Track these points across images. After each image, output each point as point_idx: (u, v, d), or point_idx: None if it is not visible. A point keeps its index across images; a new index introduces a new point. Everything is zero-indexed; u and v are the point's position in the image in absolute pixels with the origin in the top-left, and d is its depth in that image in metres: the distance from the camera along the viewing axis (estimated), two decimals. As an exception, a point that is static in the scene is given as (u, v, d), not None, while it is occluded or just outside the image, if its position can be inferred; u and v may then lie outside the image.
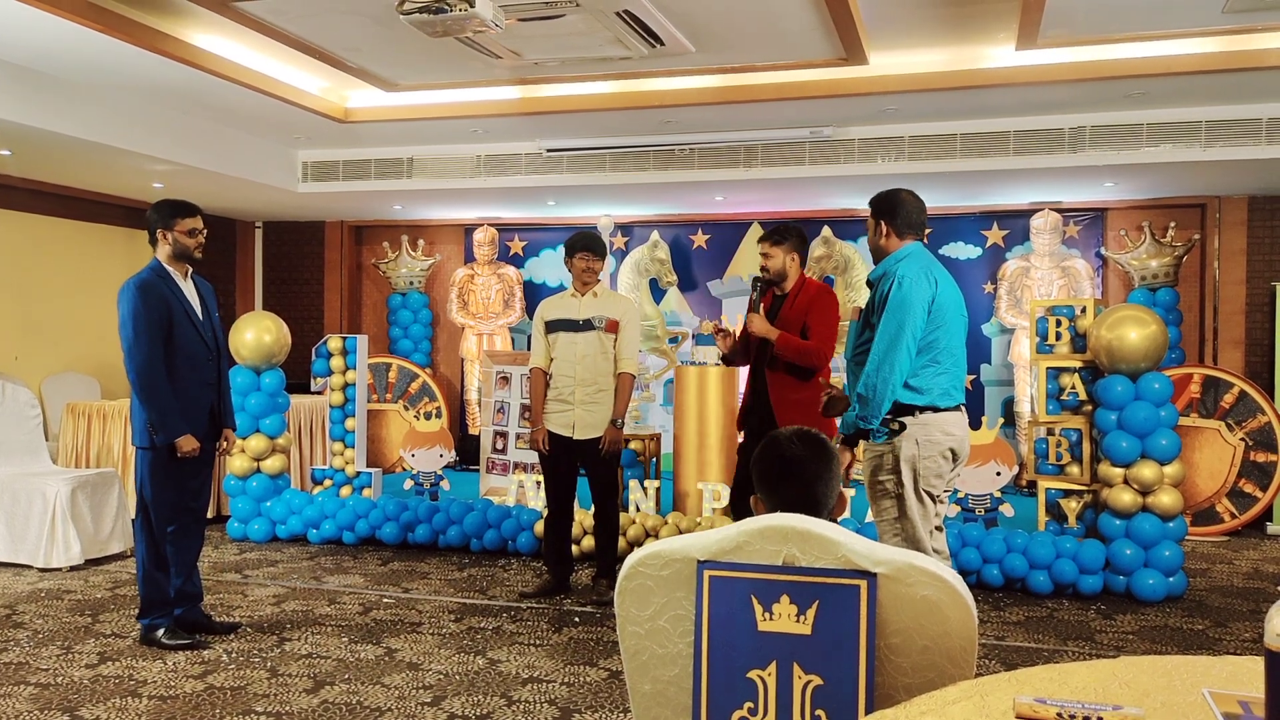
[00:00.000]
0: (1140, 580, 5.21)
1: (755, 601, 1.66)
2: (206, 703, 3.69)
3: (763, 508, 2.08)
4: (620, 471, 6.84)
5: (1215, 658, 1.59)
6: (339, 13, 5.30)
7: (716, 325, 5.02)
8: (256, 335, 6.67)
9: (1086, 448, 5.70)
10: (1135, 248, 8.49)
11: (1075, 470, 5.76)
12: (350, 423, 7.31)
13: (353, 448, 7.27)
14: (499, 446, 7.62)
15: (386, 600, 5.19)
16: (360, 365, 7.35)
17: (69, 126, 6.35)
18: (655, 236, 9.50)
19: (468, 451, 9.62)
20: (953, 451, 3.62)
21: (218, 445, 4.53)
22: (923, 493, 3.56)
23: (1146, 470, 5.24)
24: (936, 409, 3.58)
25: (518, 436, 7.56)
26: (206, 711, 3.61)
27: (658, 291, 9.63)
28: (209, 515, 7.15)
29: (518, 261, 10.15)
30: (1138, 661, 1.56)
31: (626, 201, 9.01)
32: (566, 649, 4.37)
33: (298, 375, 8.23)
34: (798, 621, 1.63)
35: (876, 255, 3.81)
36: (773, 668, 1.64)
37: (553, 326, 5.11)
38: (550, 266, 10.01)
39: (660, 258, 9.46)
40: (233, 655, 4.25)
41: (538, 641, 4.48)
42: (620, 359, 5.04)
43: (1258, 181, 7.71)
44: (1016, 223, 8.82)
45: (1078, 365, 5.73)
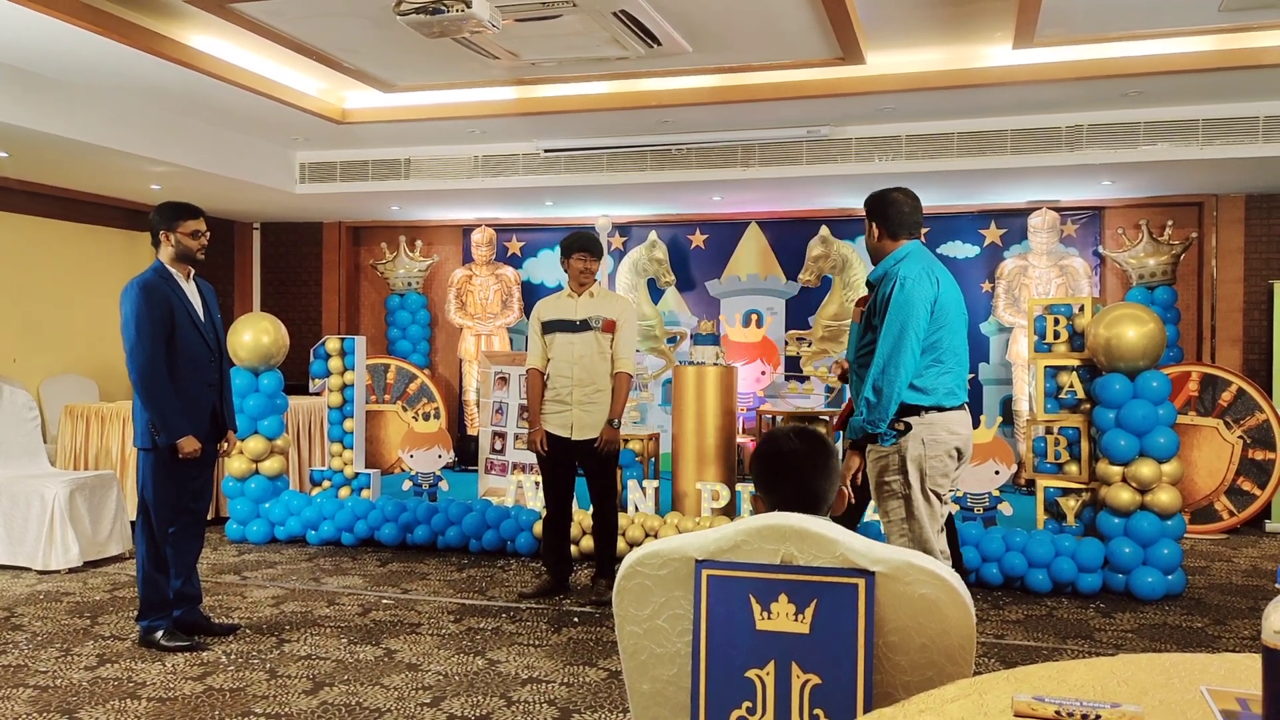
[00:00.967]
0: (1139, 578, 5.22)
1: (753, 600, 1.66)
2: (205, 704, 3.69)
3: (761, 505, 2.07)
4: (620, 472, 6.85)
5: (1213, 655, 1.60)
6: (336, 14, 5.30)
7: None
8: (254, 336, 6.67)
9: (1085, 446, 5.70)
10: (1133, 246, 8.49)
11: (1074, 469, 5.76)
12: (349, 424, 7.31)
13: (351, 449, 7.27)
14: (497, 447, 7.62)
15: (385, 601, 5.19)
16: (358, 366, 7.34)
17: (67, 128, 6.35)
18: (653, 236, 9.50)
19: (466, 452, 9.62)
20: (958, 450, 3.62)
21: (219, 446, 4.53)
22: (930, 492, 3.56)
23: (1145, 468, 5.24)
24: (941, 408, 3.58)
25: (516, 437, 7.56)
26: (205, 713, 3.60)
27: (655, 291, 9.63)
28: (208, 517, 7.17)
29: (516, 262, 10.15)
30: (1136, 659, 1.56)
31: (624, 201, 9.01)
32: (565, 649, 4.37)
33: (296, 376, 8.22)
34: (796, 620, 1.63)
35: (874, 256, 3.79)
36: (771, 667, 1.64)
37: (549, 327, 5.09)
38: (548, 267, 10.01)
39: (658, 258, 9.46)
40: (232, 657, 4.25)
41: (537, 642, 4.48)
42: (617, 359, 5.03)
43: (1255, 179, 7.71)
44: (1014, 221, 8.82)
45: (1076, 364, 5.73)
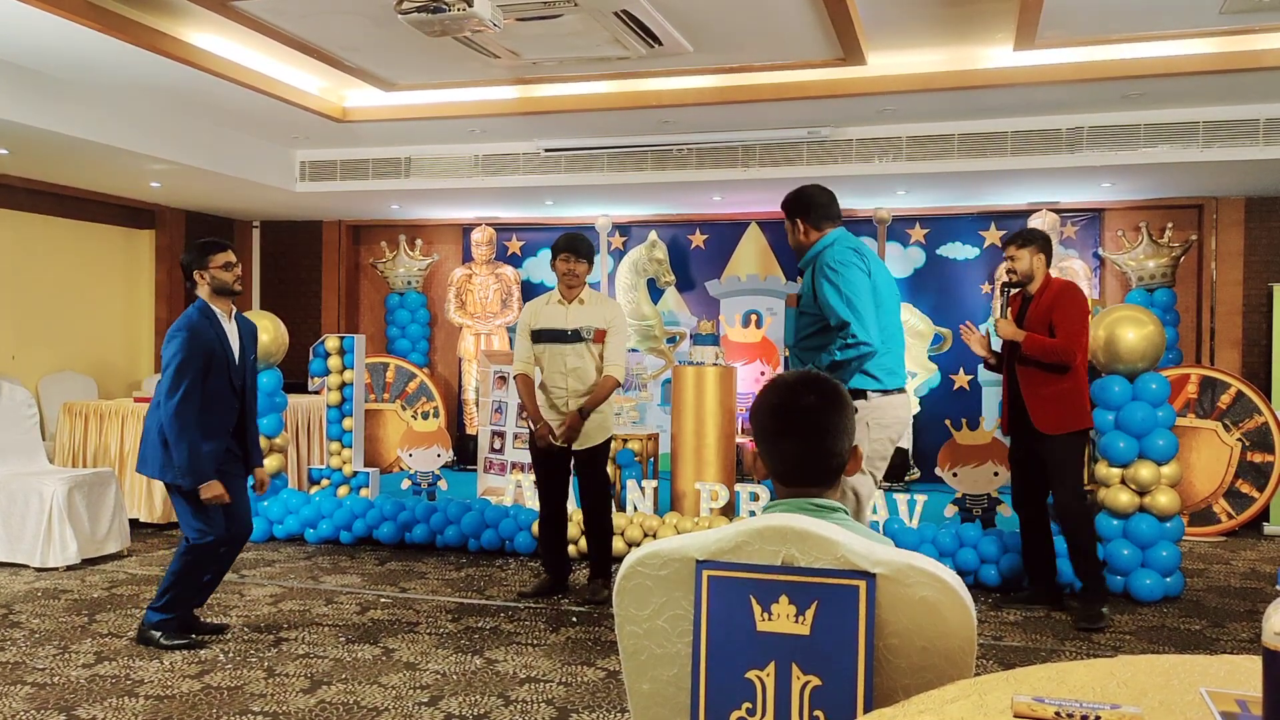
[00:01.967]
0: (1138, 580, 5.22)
1: (754, 602, 1.65)
2: (203, 703, 3.68)
3: (763, 467, 1.87)
4: (619, 471, 6.85)
5: (1213, 657, 1.60)
6: (337, 12, 5.30)
7: (973, 332, 5.06)
8: (254, 335, 6.67)
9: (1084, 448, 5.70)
10: (1133, 248, 8.49)
11: (1072, 470, 5.76)
12: (347, 422, 7.31)
13: (350, 447, 7.27)
14: (496, 446, 7.62)
15: (384, 600, 5.18)
16: (358, 365, 7.34)
17: (66, 126, 6.35)
18: (653, 236, 9.50)
19: (465, 451, 9.62)
20: (899, 434, 3.81)
21: (252, 473, 4.59)
22: (868, 472, 3.73)
23: (1144, 470, 5.24)
24: (886, 391, 3.69)
25: (515, 436, 7.56)
26: (203, 711, 3.60)
27: (655, 291, 9.63)
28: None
29: (515, 261, 10.15)
30: (1135, 661, 1.56)
31: (624, 201, 9.01)
32: (564, 649, 4.37)
33: (295, 375, 8.22)
34: (796, 622, 1.63)
35: (800, 252, 3.94)
36: (771, 668, 1.64)
37: (540, 336, 5.02)
38: (548, 267, 9.98)
39: (658, 257, 9.46)
40: (229, 655, 4.24)
41: (535, 641, 4.48)
42: (607, 364, 4.99)
43: (1255, 182, 7.72)
44: (1014, 223, 8.81)
45: (1075, 365, 5.73)
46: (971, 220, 8.97)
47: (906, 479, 8.32)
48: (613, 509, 5.31)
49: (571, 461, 5.13)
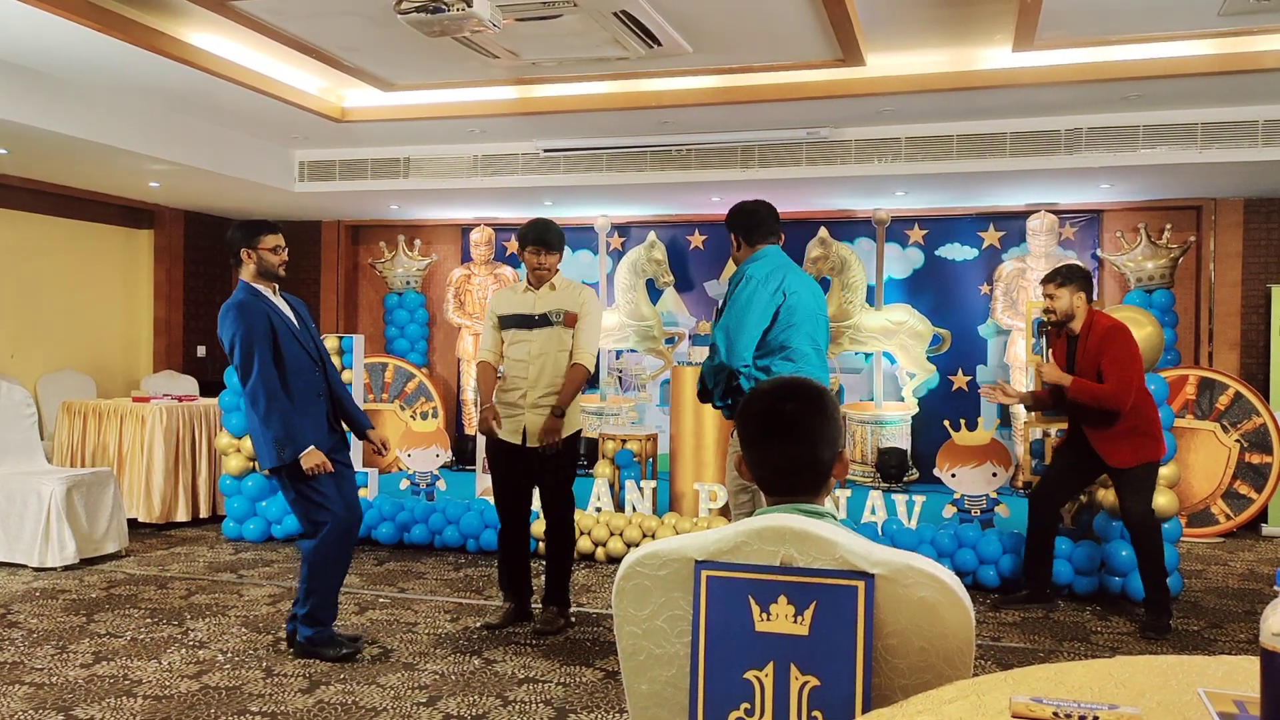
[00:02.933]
0: (1136, 581, 5.22)
1: (753, 602, 1.66)
2: (201, 703, 3.68)
3: (748, 473, 1.86)
4: (617, 472, 6.84)
5: (1210, 658, 1.60)
6: (336, 12, 5.30)
7: (990, 388, 5.00)
8: (253, 335, 6.66)
9: (1082, 449, 5.70)
10: (1131, 249, 8.50)
11: (1071, 471, 5.76)
12: (346, 422, 7.29)
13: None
14: (495, 446, 7.60)
15: (382, 600, 5.18)
16: (356, 365, 7.34)
17: (66, 125, 6.34)
18: (652, 237, 9.50)
19: (464, 451, 9.61)
20: None
21: (370, 448, 4.39)
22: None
23: (1142, 471, 5.24)
24: None
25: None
26: (202, 711, 3.60)
27: (654, 292, 9.63)
28: (205, 515, 7.17)
29: (514, 261, 10.14)
30: (1133, 661, 1.56)
31: (623, 202, 9.01)
32: (562, 649, 4.37)
33: (294, 375, 8.20)
34: (795, 622, 1.63)
35: (736, 264, 4.02)
36: (770, 668, 1.64)
37: (505, 322, 4.62)
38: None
39: (657, 258, 9.46)
40: (228, 655, 4.24)
41: (533, 642, 4.48)
42: (576, 350, 4.53)
43: (1253, 184, 7.72)
44: (1013, 224, 8.82)
45: (1074, 366, 5.73)
46: (970, 221, 8.97)
47: (905, 480, 8.33)
48: (574, 526, 4.78)
49: (530, 471, 4.59)
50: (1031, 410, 5.13)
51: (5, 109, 5.93)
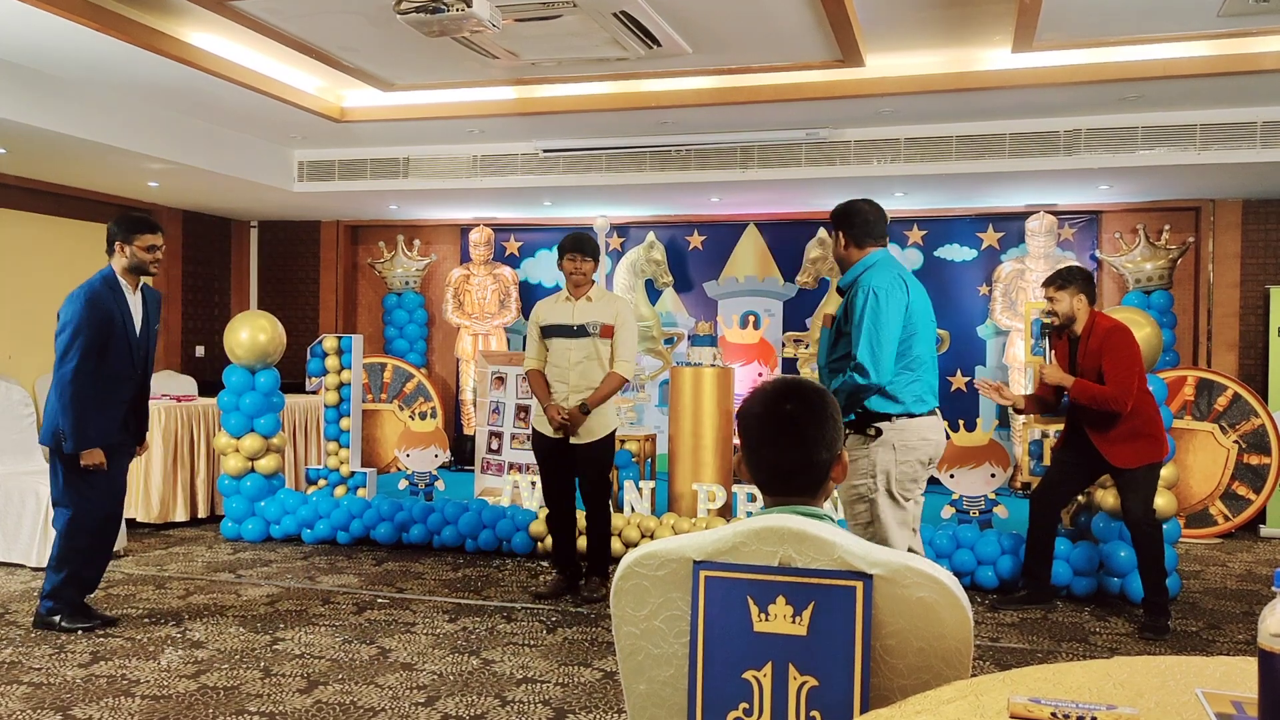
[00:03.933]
0: (1134, 582, 5.22)
1: (751, 602, 1.66)
2: (200, 702, 3.68)
3: (746, 475, 1.86)
4: (616, 472, 6.84)
5: (1209, 658, 1.60)
6: (336, 12, 5.29)
7: (989, 384, 4.94)
8: (251, 335, 6.67)
9: (1081, 450, 5.70)
10: (1130, 250, 8.50)
11: (1070, 472, 5.76)
12: (345, 422, 7.30)
13: (347, 447, 7.26)
14: (494, 447, 7.61)
15: (381, 600, 5.18)
16: (355, 365, 7.34)
17: (64, 125, 6.34)
18: (651, 237, 9.50)
19: (463, 452, 9.61)
20: (929, 457, 3.73)
21: (137, 450, 4.66)
22: (898, 496, 3.66)
23: (1141, 472, 5.24)
24: (912, 415, 3.65)
25: (513, 437, 7.55)
26: (200, 711, 3.60)
27: (653, 292, 9.63)
28: (204, 515, 7.17)
29: (513, 262, 10.15)
30: (1132, 662, 1.56)
31: (622, 202, 9.01)
32: (561, 649, 4.37)
33: (293, 375, 8.21)
34: (793, 622, 1.63)
35: (842, 265, 3.92)
36: (768, 669, 1.64)
37: (548, 331, 5.15)
38: (546, 267, 10.01)
39: (656, 258, 9.46)
40: (226, 655, 4.24)
41: (532, 642, 4.48)
42: (615, 360, 5.08)
43: (1252, 185, 7.73)
44: (1011, 225, 8.83)
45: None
46: (969, 222, 8.98)
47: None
48: (610, 508, 5.32)
49: (574, 457, 5.13)
50: (1025, 414, 5.15)
51: (4, 108, 5.93)
